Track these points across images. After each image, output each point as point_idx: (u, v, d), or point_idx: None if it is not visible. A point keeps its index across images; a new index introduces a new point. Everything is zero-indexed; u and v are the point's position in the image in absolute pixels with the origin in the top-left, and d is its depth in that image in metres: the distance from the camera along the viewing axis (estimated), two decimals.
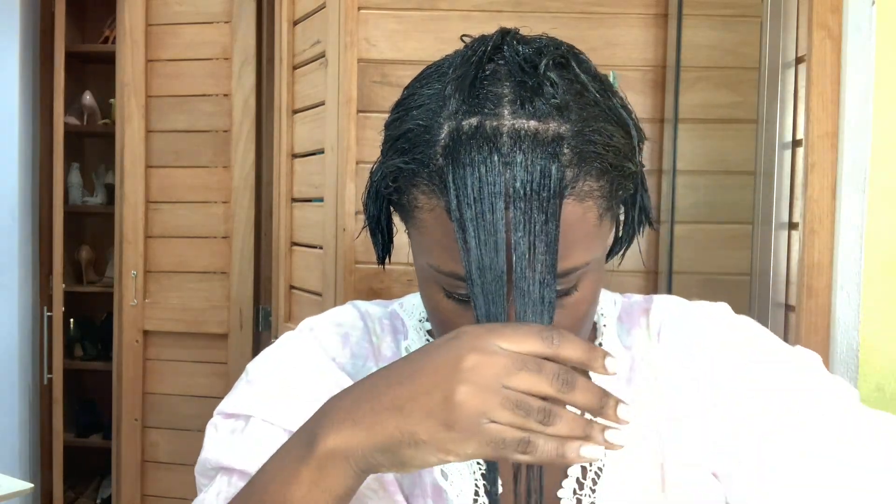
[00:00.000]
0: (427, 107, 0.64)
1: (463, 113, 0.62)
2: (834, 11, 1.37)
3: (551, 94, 0.61)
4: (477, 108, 0.61)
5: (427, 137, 0.63)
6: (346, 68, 1.90)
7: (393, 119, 0.68)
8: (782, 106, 1.61)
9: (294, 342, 0.78)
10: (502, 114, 0.61)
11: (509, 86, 0.62)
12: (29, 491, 2.07)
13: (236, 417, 0.75)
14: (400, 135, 0.66)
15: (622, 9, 1.87)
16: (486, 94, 0.62)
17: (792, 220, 1.57)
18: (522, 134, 0.60)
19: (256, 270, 2.68)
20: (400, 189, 0.66)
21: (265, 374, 0.75)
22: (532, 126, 0.60)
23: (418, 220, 0.65)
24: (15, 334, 3.16)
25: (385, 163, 0.68)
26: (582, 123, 0.62)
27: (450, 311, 0.67)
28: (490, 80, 0.62)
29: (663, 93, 1.86)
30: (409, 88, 0.68)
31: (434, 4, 1.89)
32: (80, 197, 3.63)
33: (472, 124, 0.61)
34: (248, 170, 2.66)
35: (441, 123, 0.63)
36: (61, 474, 3.08)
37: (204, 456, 0.76)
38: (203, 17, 2.68)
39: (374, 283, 1.92)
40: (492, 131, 0.60)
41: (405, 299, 0.83)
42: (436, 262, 0.65)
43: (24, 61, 3.14)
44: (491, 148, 0.60)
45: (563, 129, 0.61)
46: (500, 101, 0.61)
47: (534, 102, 0.61)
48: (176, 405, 2.74)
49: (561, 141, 0.61)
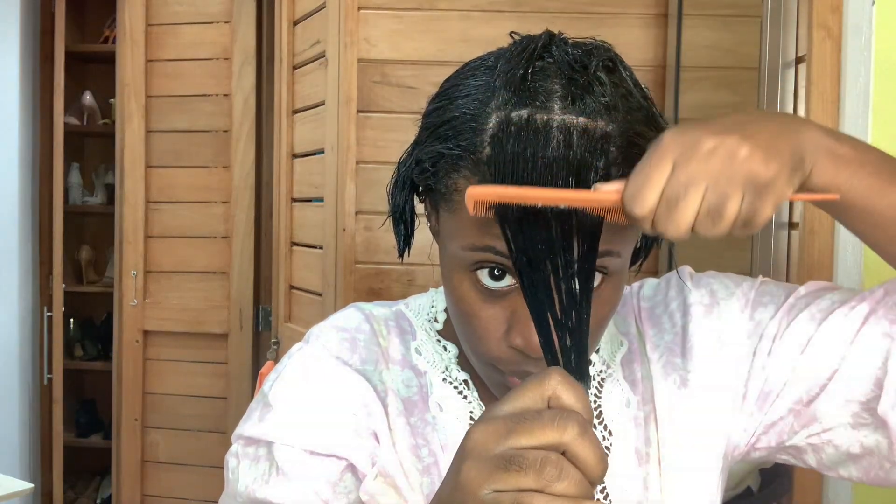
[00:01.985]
0: (474, 97, 0.65)
1: (513, 104, 0.62)
2: (834, 11, 1.37)
3: (601, 93, 0.62)
4: (528, 100, 0.62)
5: (474, 125, 0.63)
6: (346, 68, 1.90)
7: (435, 108, 0.68)
8: (782, 106, 1.61)
9: (305, 357, 0.77)
10: (553, 108, 0.61)
11: (559, 82, 0.63)
12: (29, 491, 2.07)
13: (257, 444, 0.73)
14: (443, 122, 0.66)
15: (622, 9, 1.87)
16: (537, 88, 0.62)
17: (792, 220, 1.57)
18: (572, 129, 0.61)
19: (256, 270, 2.69)
20: (438, 174, 0.66)
21: (283, 397, 0.73)
22: (582, 122, 0.61)
23: (455, 202, 0.65)
24: (15, 334, 3.16)
25: (424, 149, 0.68)
26: (627, 125, 0.63)
27: (476, 304, 0.66)
28: (540, 76, 0.63)
29: (663, 93, 1.86)
30: (452, 80, 0.69)
31: (434, 4, 1.89)
32: (80, 197, 3.63)
33: (521, 116, 0.61)
34: (248, 170, 2.66)
35: (489, 113, 0.63)
36: (61, 474, 3.07)
37: (233, 489, 0.74)
38: (203, 17, 2.68)
39: (374, 283, 1.92)
40: (542, 124, 0.61)
41: (410, 300, 0.83)
42: (472, 239, 0.64)
43: (24, 61, 3.14)
44: (541, 139, 0.60)
45: (610, 129, 0.62)
46: (551, 95, 0.62)
47: (584, 100, 0.62)
48: (176, 405, 2.74)
49: (609, 139, 0.61)
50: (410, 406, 0.75)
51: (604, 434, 0.76)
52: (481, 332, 0.66)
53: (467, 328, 0.68)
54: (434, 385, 0.76)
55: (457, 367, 0.77)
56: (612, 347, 0.79)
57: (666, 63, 1.87)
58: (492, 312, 0.65)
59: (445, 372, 0.77)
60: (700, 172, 0.56)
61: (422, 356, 0.77)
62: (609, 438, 0.76)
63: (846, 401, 0.72)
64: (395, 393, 0.75)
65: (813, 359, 0.73)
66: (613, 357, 0.79)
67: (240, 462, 0.74)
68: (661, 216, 0.56)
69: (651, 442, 0.76)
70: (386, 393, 0.75)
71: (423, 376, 0.76)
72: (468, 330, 0.68)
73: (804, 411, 0.74)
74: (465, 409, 0.75)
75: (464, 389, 0.76)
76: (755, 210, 0.57)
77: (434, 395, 0.75)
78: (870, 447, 0.72)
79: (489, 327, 0.66)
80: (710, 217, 0.56)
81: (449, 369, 0.77)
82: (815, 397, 0.73)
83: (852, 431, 0.73)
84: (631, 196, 0.57)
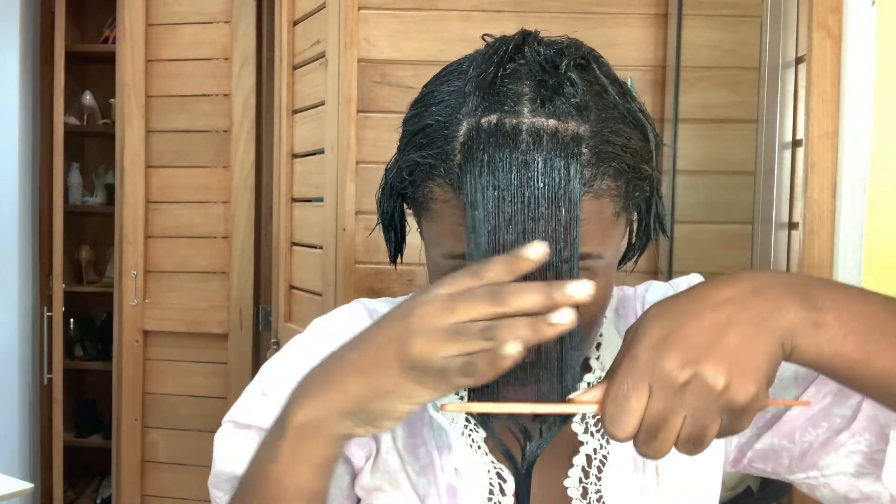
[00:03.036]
0: (446, 103, 0.64)
1: (482, 110, 0.62)
2: (834, 11, 1.37)
3: (571, 93, 0.62)
4: (496, 105, 0.61)
5: (446, 133, 0.63)
6: (346, 68, 1.90)
7: (411, 115, 0.68)
8: (782, 106, 1.61)
9: (304, 345, 0.78)
10: (522, 112, 0.61)
11: (529, 84, 0.62)
12: (29, 491, 2.07)
13: (248, 428, 0.75)
14: (418, 130, 0.66)
15: (622, 9, 1.87)
16: (506, 92, 0.62)
17: (792, 220, 1.57)
18: (541, 132, 0.60)
19: (256, 270, 2.68)
20: (415, 182, 0.66)
21: (278, 383, 0.74)
22: (551, 125, 0.60)
23: (433, 210, 0.65)
24: (15, 334, 3.16)
25: (402, 158, 0.68)
26: (601, 124, 0.62)
27: None
28: (510, 79, 0.62)
29: (663, 93, 1.86)
30: (428, 86, 0.68)
31: (434, 4, 1.88)
32: (80, 197, 3.63)
33: (491, 121, 0.61)
34: (248, 170, 2.66)
35: (460, 120, 0.63)
36: (61, 474, 3.07)
37: (218, 468, 0.76)
38: (203, 17, 2.68)
39: (374, 283, 1.92)
40: (511, 129, 0.60)
41: None
42: (449, 247, 0.65)
43: (24, 61, 3.14)
44: (510, 145, 0.60)
45: (581, 130, 0.61)
46: (520, 99, 0.61)
47: (554, 101, 0.61)
48: (176, 405, 2.74)
49: (580, 140, 0.61)
50: None
51: (601, 442, 0.75)
52: None
53: None
54: None
55: None
56: (612, 352, 0.78)
57: (666, 63, 1.87)
58: None
59: None
60: (678, 405, 0.55)
61: None
62: (606, 447, 0.75)
63: (850, 452, 0.72)
64: None
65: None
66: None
67: (229, 443, 0.75)
68: (642, 442, 0.57)
69: None
70: None
71: None
72: None
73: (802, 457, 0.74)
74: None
75: None
76: (735, 428, 0.57)
77: None
78: (868, 494, 0.72)
79: None
80: (691, 443, 0.56)
81: None
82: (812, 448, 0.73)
83: (853, 479, 0.72)
84: (611, 419, 0.56)
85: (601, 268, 0.65)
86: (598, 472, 0.74)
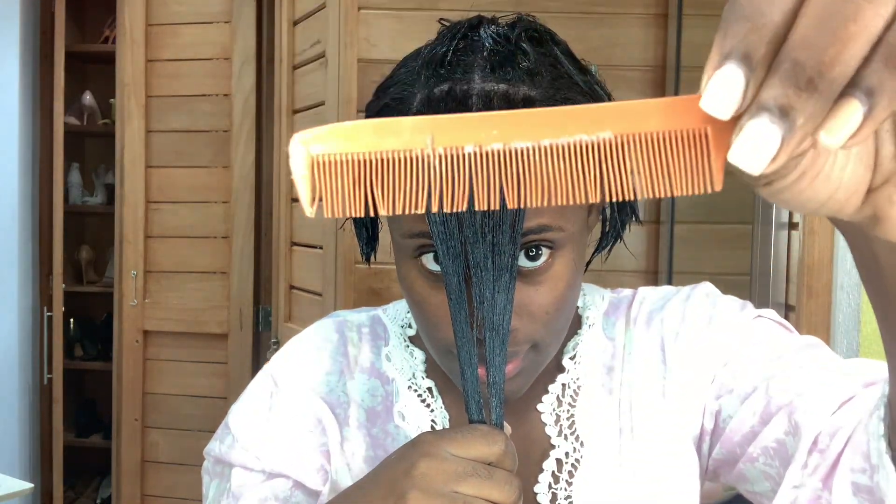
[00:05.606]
0: (403, 82, 0.65)
1: (434, 81, 0.62)
2: None
3: (523, 60, 0.62)
4: (447, 75, 0.62)
5: (401, 108, 0.63)
6: (346, 68, 1.90)
7: (372, 101, 0.69)
8: None
9: (265, 379, 0.79)
10: (472, 79, 0.61)
11: (481, 55, 0.62)
12: (29, 491, 2.08)
13: (222, 464, 0.78)
14: (376, 112, 0.66)
15: (622, 9, 1.87)
16: (458, 63, 0.62)
17: (792, 220, 1.57)
18: (492, 94, 0.60)
19: (256, 270, 2.69)
20: None
21: (244, 425, 0.77)
22: (502, 88, 0.60)
23: None
24: (15, 334, 3.16)
25: None
26: (553, 90, 0.62)
27: (425, 290, 0.66)
28: (463, 52, 0.63)
29: (663, 93, 1.86)
30: (388, 74, 0.69)
31: (434, 4, 1.89)
32: (80, 197, 3.63)
33: (442, 90, 0.61)
34: (248, 170, 2.66)
35: (414, 94, 0.63)
36: (61, 474, 3.08)
37: (205, 501, 0.81)
38: (203, 17, 2.68)
39: (374, 283, 1.92)
40: (461, 94, 0.60)
41: (390, 305, 0.83)
42: (409, 226, 0.64)
43: (24, 61, 3.14)
44: (461, 110, 0.59)
45: (534, 93, 0.61)
46: (471, 67, 0.61)
47: (504, 67, 0.61)
48: (176, 405, 2.74)
49: (532, 102, 0.60)
50: (373, 416, 0.76)
51: (574, 445, 0.74)
52: (432, 317, 0.66)
53: (420, 316, 0.67)
54: (400, 393, 0.76)
55: (423, 373, 0.77)
56: (591, 358, 0.76)
57: (666, 63, 1.87)
58: (441, 297, 0.64)
59: (412, 379, 0.77)
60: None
61: (391, 362, 0.78)
62: (580, 450, 0.73)
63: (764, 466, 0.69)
64: (357, 404, 0.77)
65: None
66: (593, 362, 0.76)
67: (209, 479, 0.80)
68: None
69: (625, 452, 0.74)
70: (348, 404, 0.77)
71: (389, 384, 0.77)
72: (422, 317, 0.67)
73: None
74: (427, 418, 0.75)
75: (427, 398, 0.76)
76: None
77: (398, 404, 0.76)
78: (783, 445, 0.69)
79: (439, 312, 0.65)
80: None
81: (415, 376, 0.77)
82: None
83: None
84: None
85: (563, 241, 0.64)
86: (570, 476, 0.73)
